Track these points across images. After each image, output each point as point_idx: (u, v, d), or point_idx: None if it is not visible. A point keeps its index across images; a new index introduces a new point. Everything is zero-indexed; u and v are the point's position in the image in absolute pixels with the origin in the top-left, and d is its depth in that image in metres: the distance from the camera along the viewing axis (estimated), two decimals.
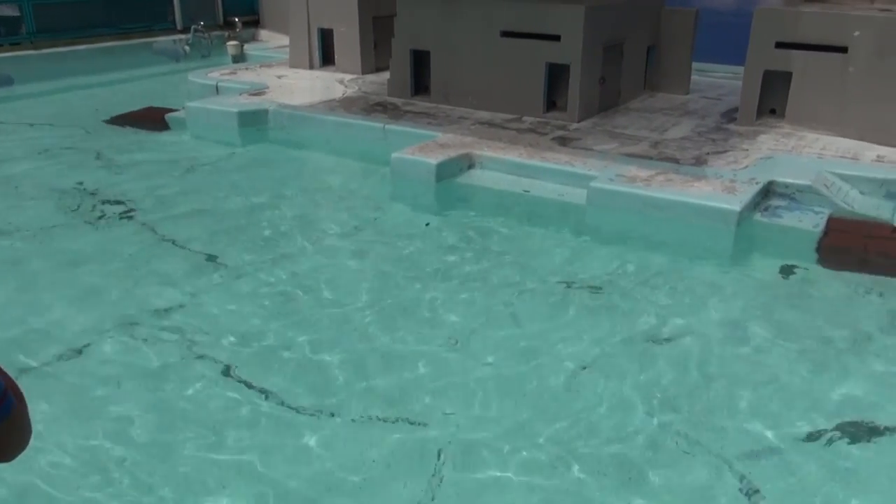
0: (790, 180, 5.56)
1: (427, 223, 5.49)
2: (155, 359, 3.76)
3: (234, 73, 9.62)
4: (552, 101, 7.59)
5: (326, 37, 9.84)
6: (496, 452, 3.12)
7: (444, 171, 6.10)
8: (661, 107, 8.05)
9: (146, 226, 5.34)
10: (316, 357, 3.79)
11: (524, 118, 7.48)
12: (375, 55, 9.62)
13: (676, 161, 6.10)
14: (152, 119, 8.07)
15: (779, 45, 6.84)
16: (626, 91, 8.17)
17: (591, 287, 4.52)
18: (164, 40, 11.72)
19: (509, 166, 6.19)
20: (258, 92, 8.45)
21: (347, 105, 7.94)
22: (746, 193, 5.35)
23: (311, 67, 9.94)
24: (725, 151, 6.34)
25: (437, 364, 3.74)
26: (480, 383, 3.58)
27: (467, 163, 6.32)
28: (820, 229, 5.14)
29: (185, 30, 11.95)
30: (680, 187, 5.50)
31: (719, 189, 5.45)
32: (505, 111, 7.62)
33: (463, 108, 7.84)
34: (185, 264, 4.77)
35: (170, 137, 7.64)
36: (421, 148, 6.40)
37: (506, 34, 7.52)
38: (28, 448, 1.25)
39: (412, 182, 6.15)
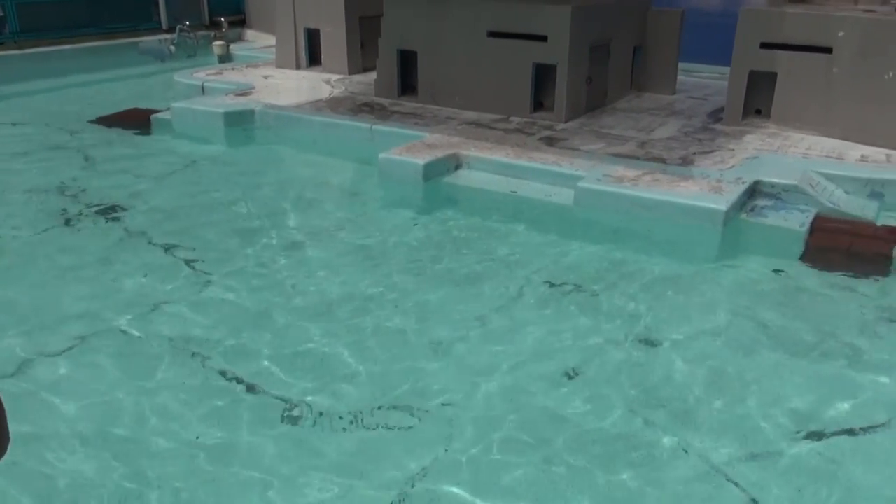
0: (776, 180, 5.59)
1: (414, 224, 5.48)
2: (138, 357, 3.73)
3: (220, 73, 9.58)
4: (539, 102, 7.60)
5: (313, 37, 9.82)
6: (482, 450, 3.11)
7: (431, 172, 6.09)
8: (647, 107, 8.08)
9: (130, 227, 5.30)
10: (301, 357, 3.77)
11: (511, 118, 7.48)
12: (362, 55, 9.60)
13: (663, 161, 6.11)
14: (137, 120, 8.02)
15: (764, 46, 6.88)
16: (612, 91, 8.19)
17: (578, 287, 4.53)
18: (149, 40, 11.65)
19: (496, 166, 6.19)
20: (244, 92, 8.42)
21: (334, 105, 7.92)
22: (733, 193, 5.37)
23: (298, 67, 9.91)
24: (712, 151, 6.37)
25: (424, 364, 3.73)
26: (466, 383, 3.58)
27: (454, 163, 6.32)
28: (806, 228, 5.17)
29: (171, 30, 11.89)
30: (667, 187, 5.52)
31: (706, 189, 5.47)
32: (492, 111, 7.63)
33: (450, 108, 7.84)
34: (170, 264, 4.74)
35: (155, 138, 7.59)
36: (408, 148, 6.40)
37: (493, 34, 7.52)
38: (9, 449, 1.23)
39: (399, 182, 6.14)
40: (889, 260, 4.82)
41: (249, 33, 12.93)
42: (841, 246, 5.00)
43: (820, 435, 3.24)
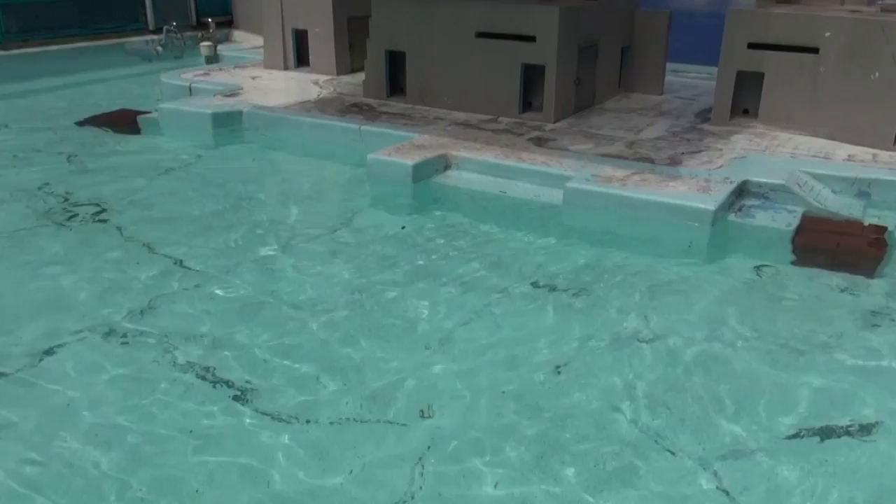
0: (764, 179, 5.61)
1: (403, 226, 5.47)
2: (126, 362, 3.71)
3: (208, 74, 9.54)
4: (528, 102, 7.61)
5: (301, 37, 9.79)
6: (475, 453, 3.11)
7: (420, 172, 6.09)
8: (635, 107, 8.10)
9: (118, 228, 5.27)
10: (290, 361, 3.76)
11: (500, 119, 7.49)
12: (351, 56, 9.58)
13: (651, 161, 6.13)
14: (124, 120, 7.97)
15: (751, 46, 6.90)
16: (601, 92, 8.21)
17: (568, 287, 4.53)
18: (136, 41, 11.60)
19: (486, 167, 6.19)
20: (232, 93, 8.39)
21: (323, 106, 7.90)
22: (721, 193, 5.39)
23: (286, 68, 9.88)
24: (700, 151, 6.39)
25: (415, 366, 3.72)
26: (457, 384, 3.57)
27: (444, 164, 6.31)
28: (793, 228, 5.19)
29: (158, 30, 11.84)
30: (655, 187, 5.53)
31: (694, 188, 5.49)
32: (481, 112, 7.63)
33: (439, 108, 7.84)
34: (158, 267, 4.71)
35: (142, 139, 7.55)
36: (397, 149, 6.39)
37: (481, 35, 7.52)
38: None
39: (388, 183, 6.13)
40: (876, 259, 4.85)
41: (237, 34, 12.88)
42: (828, 245, 5.02)
43: (807, 435, 3.25)
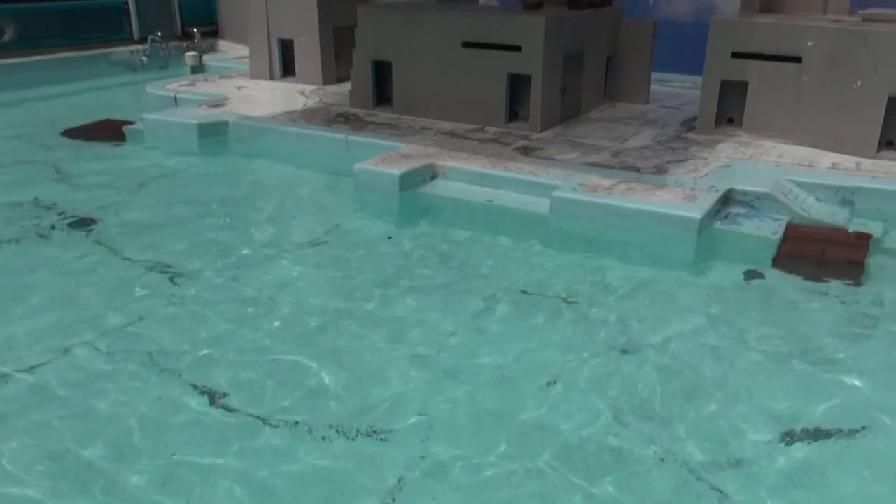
0: (749, 188, 5.64)
1: (390, 236, 5.46)
2: (114, 373, 3.67)
3: (193, 84, 9.51)
4: (514, 112, 7.63)
5: (287, 47, 9.78)
6: (462, 463, 3.10)
7: (407, 182, 6.08)
8: (621, 116, 8.14)
9: (104, 239, 5.23)
10: (276, 371, 3.74)
11: (487, 128, 7.50)
12: (337, 66, 9.58)
13: (637, 170, 6.16)
14: (110, 131, 7.93)
15: (735, 56, 6.96)
16: (586, 101, 8.25)
17: (555, 296, 4.54)
18: (121, 51, 11.55)
19: (472, 176, 6.19)
20: (218, 103, 8.36)
21: (309, 116, 7.89)
22: (706, 201, 5.41)
23: (272, 78, 9.87)
24: (685, 160, 6.42)
25: (402, 377, 3.71)
26: (446, 395, 3.56)
27: (430, 173, 6.31)
28: (779, 236, 5.22)
29: (143, 41, 11.80)
30: (641, 196, 5.55)
31: (680, 197, 5.51)
32: (467, 121, 7.64)
33: (425, 118, 7.85)
34: (144, 277, 4.68)
35: (128, 150, 7.51)
36: (384, 159, 6.38)
37: (467, 45, 7.54)
38: None
39: (375, 193, 6.12)
40: (861, 266, 4.89)
41: (222, 44, 12.86)
42: (813, 253, 5.06)
43: (796, 440, 3.27)
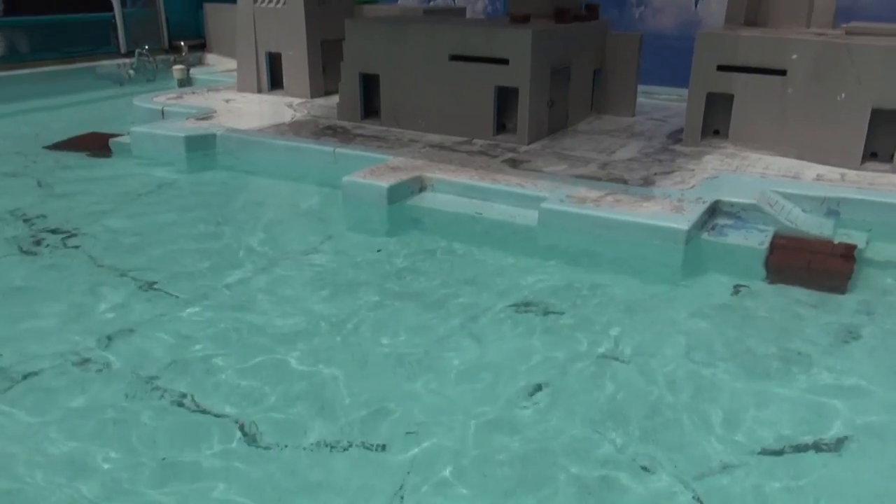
0: (735, 199, 5.67)
1: (378, 249, 5.45)
2: (102, 389, 3.64)
3: (181, 97, 9.50)
4: (502, 124, 7.66)
5: (274, 60, 9.79)
6: (455, 475, 3.09)
7: (395, 194, 6.08)
8: (608, 129, 8.18)
9: (89, 254, 5.20)
10: (267, 385, 3.72)
11: (474, 141, 7.52)
12: (324, 79, 9.60)
13: (625, 182, 6.18)
14: (96, 144, 7.89)
15: (721, 68, 7.02)
16: (573, 113, 8.29)
17: (543, 308, 4.54)
18: (108, 64, 11.52)
19: (460, 189, 6.20)
20: (205, 116, 8.35)
21: (297, 129, 7.89)
22: (693, 213, 5.44)
23: (260, 91, 9.87)
24: (672, 172, 6.46)
25: (392, 389, 3.70)
26: (435, 407, 3.55)
27: (419, 185, 6.32)
28: (765, 247, 5.25)
29: (130, 54, 11.78)
30: (629, 207, 5.58)
31: (667, 209, 5.54)
32: (455, 134, 7.66)
33: (413, 131, 7.86)
34: (128, 292, 4.65)
35: (114, 163, 7.48)
36: (372, 171, 6.38)
37: (455, 58, 7.57)
38: None
39: (363, 205, 6.12)
40: (847, 276, 4.92)
41: (210, 57, 12.86)
42: (800, 263, 5.08)
43: (782, 453, 3.27)
